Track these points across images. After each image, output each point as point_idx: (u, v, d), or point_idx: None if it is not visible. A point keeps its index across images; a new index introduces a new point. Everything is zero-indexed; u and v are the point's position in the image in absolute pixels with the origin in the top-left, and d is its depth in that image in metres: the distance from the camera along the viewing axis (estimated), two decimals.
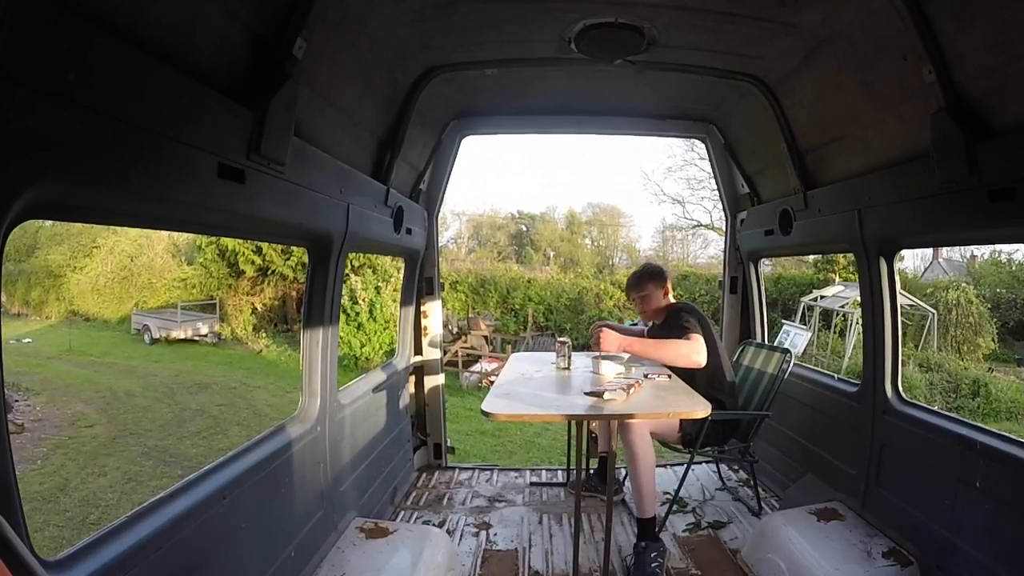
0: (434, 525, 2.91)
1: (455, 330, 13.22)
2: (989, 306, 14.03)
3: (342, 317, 11.99)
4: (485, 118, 3.67)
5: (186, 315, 17.75)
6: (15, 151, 0.98)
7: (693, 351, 2.56)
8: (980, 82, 1.75)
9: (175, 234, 19.77)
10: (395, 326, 10.94)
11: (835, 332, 13.41)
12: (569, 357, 2.91)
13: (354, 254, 15.80)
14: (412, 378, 3.80)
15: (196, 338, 17.29)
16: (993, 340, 13.46)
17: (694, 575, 2.50)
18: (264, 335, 17.66)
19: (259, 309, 18.29)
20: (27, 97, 0.98)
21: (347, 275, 15.04)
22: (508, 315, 16.37)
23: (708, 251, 25.38)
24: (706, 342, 2.63)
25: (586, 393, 2.21)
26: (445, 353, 10.36)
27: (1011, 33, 1.55)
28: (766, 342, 3.66)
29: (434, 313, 3.88)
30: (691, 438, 2.73)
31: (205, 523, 1.60)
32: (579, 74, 2.99)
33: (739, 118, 3.40)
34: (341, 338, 12.08)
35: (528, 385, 2.59)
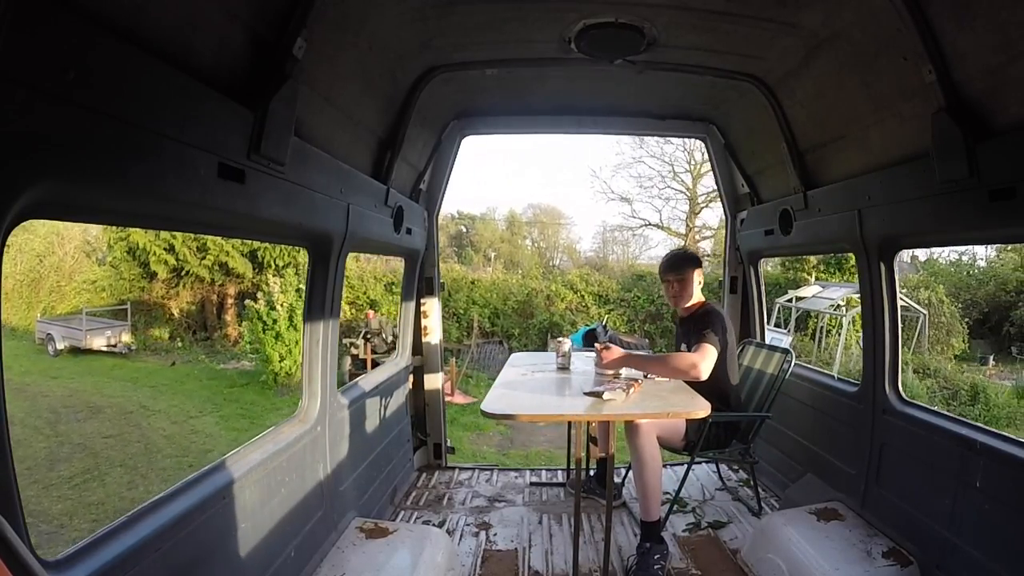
0: (434, 525, 2.91)
1: (389, 339, 11.12)
2: (960, 305, 13.78)
3: (258, 325, 10.93)
4: (485, 118, 3.67)
5: (93, 322, 15.05)
6: (15, 151, 0.98)
7: (693, 364, 2.44)
8: (980, 82, 1.75)
9: (90, 231, 17.31)
10: None
11: (818, 335, 12.80)
12: (569, 357, 2.92)
13: (277, 252, 14.17)
14: (412, 378, 3.80)
15: (104, 349, 14.60)
16: (963, 340, 13.23)
17: (694, 575, 2.51)
18: (181, 344, 15.48)
19: (176, 315, 16.09)
20: (27, 97, 0.97)
21: (264, 277, 13.69)
22: (450, 320, 14.23)
23: (656, 252, 24.18)
24: (721, 355, 2.58)
25: (586, 393, 2.21)
26: (377, 367, 10.28)
27: (1011, 33, 1.55)
28: (766, 342, 3.66)
29: (434, 313, 3.88)
30: (693, 444, 2.73)
31: (205, 523, 1.60)
32: (579, 74, 2.99)
33: (739, 118, 3.40)
34: (256, 350, 10.73)
35: (528, 385, 2.60)
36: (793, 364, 3.00)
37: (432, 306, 3.87)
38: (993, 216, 1.78)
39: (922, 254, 16.24)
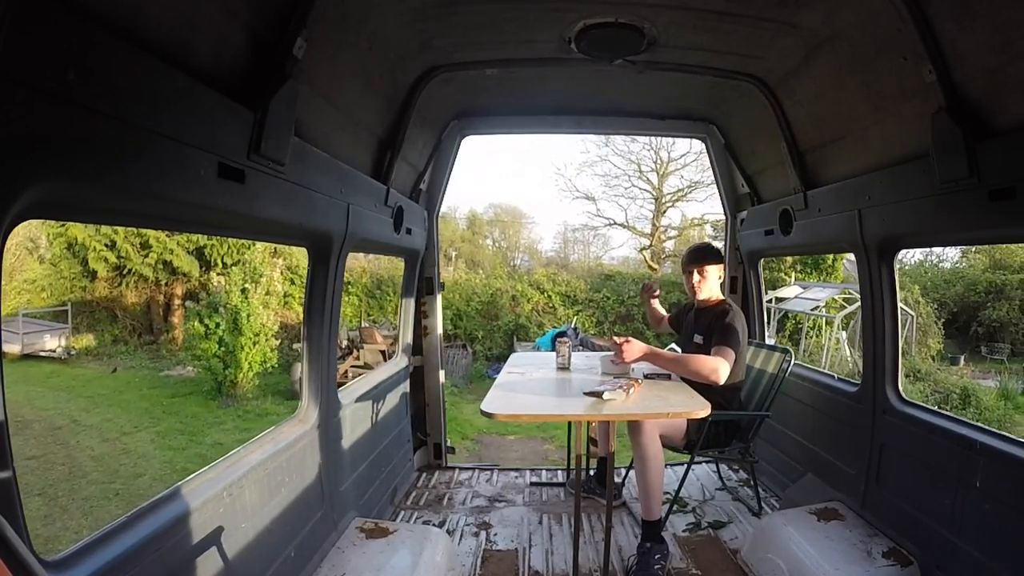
0: (434, 525, 2.91)
1: (343, 344, 10.49)
2: (935, 306, 13.61)
3: (199, 329, 9.80)
4: (485, 118, 3.67)
5: (31, 325, 13.66)
6: (15, 151, 0.98)
7: (715, 370, 2.43)
8: (980, 82, 1.75)
9: (34, 226, 15.63)
10: (267, 339, 10.08)
11: (800, 336, 12.34)
12: (569, 357, 2.92)
13: (225, 249, 13.25)
14: (412, 378, 3.80)
15: (42, 354, 13.32)
16: (939, 341, 13.09)
17: (694, 575, 2.50)
18: (125, 349, 14.10)
19: (119, 317, 14.68)
20: (27, 97, 0.97)
21: (207, 276, 12.79)
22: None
23: (619, 252, 23.41)
24: (739, 356, 2.58)
25: (586, 393, 2.21)
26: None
27: (1011, 33, 1.55)
28: (766, 341, 3.66)
29: (434, 312, 3.89)
30: (693, 443, 2.73)
31: (205, 523, 1.60)
32: (579, 74, 2.99)
33: (739, 118, 3.40)
34: (197, 357, 9.85)
35: (528, 385, 2.59)
36: (793, 364, 3.00)
37: (432, 306, 3.88)
38: (993, 216, 1.78)
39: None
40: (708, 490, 3.40)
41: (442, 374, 4.02)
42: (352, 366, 10.30)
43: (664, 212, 20.37)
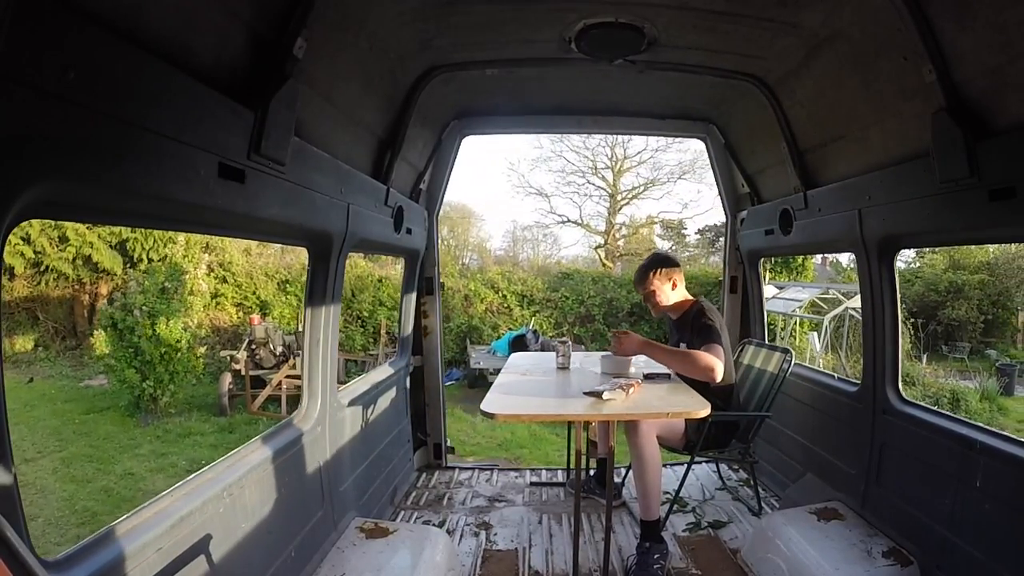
0: (434, 525, 2.91)
1: (278, 350, 9.25)
2: (905, 307, 13.34)
3: (113, 335, 8.46)
4: (485, 118, 3.67)
5: None
6: (15, 151, 0.98)
7: (711, 367, 2.44)
8: (980, 82, 1.75)
9: None
10: (191, 346, 8.74)
11: (776, 337, 11.74)
12: (569, 357, 2.92)
13: (151, 243, 11.67)
14: (412, 378, 3.81)
15: None
16: (909, 340, 12.77)
17: (694, 575, 2.51)
18: (46, 355, 12.68)
19: (40, 319, 13.05)
20: (27, 97, 0.97)
21: (125, 276, 11.21)
22: (354, 325, 12.12)
23: (571, 251, 22.50)
24: (725, 351, 2.58)
25: (585, 393, 2.21)
26: (265, 384, 8.68)
27: (1011, 33, 1.55)
28: (766, 341, 3.66)
29: (434, 312, 3.89)
30: (693, 444, 2.73)
31: (205, 523, 1.60)
32: (579, 74, 2.99)
33: (739, 118, 3.40)
34: (111, 367, 8.43)
35: (528, 385, 2.60)
36: (793, 364, 3.01)
37: (432, 306, 3.88)
38: (993, 216, 1.78)
39: (844, 258, 15.88)
40: (708, 490, 3.40)
41: (442, 374, 4.02)
42: (287, 376, 8.78)
43: (619, 210, 19.85)
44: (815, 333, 10.95)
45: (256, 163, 1.65)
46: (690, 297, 2.86)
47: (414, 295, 3.76)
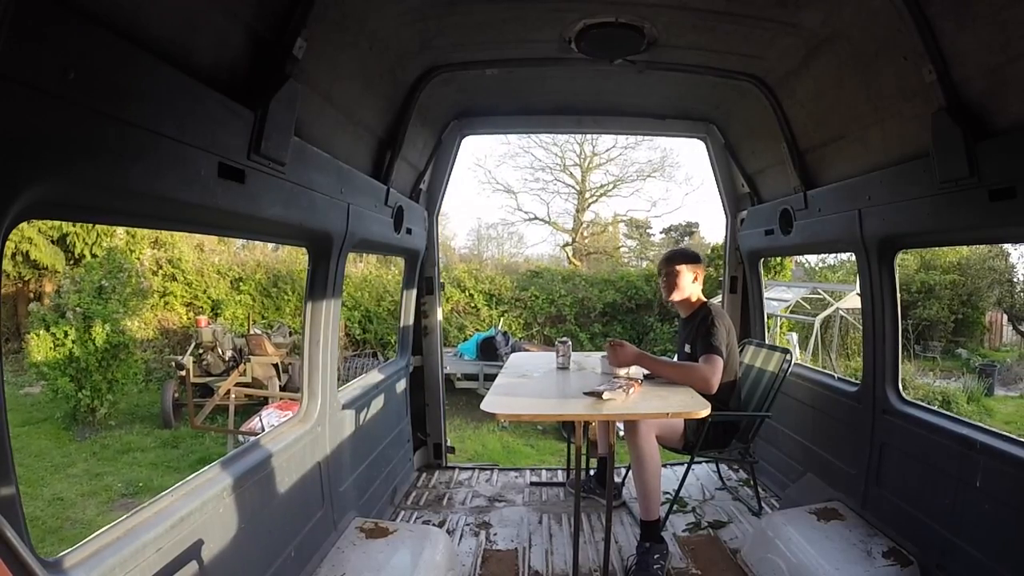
0: (434, 525, 2.91)
1: (227, 355, 8.47)
2: None
3: (47, 339, 7.55)
4: (485, 118, 3.67)
5: None
6: (15, 151, 0.98)
7: (704, 379, 2.48)
8: (980, 82, 1.75)
9: None
10: (131, 352, 7.95)
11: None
12: (569, 357, 2.92)
13: (94, 238, 10.67)
14: (412, 378, 3.81)
15: None
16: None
17: (694, 575, 2.51)
18: None
19: None
20: (27, 97, 0.97)
21: (61, 274, 10.31)
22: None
23: (536, 249, 21.59)
24: (729, 355, 2.60)
25: (585, 393, 2.21)
26: (213, 393, 7.79)
27: (1011, 33, 1.55)
28: (766, 341, 3.66)
29: (434, 312, 3.90)
30: (692, 444, 2.73)
31: (205, 523, 1.60)
32: (579, 74, 2.99)
33: (739, 118, 3.40)
34: (44, 374, 7.57)
35: (528, 385, 2.60)
36: (793, 364, 3.00)
37: (432, 305, 3.88)
38: (993, 216, 1.78)
39: (813, 259, 15.71)
40: (708, 490, 3.40)
41: (442, 374, 4.02)
42: (237, 385, 7.81)
43: (587, 207, 19.46)
44: (794, 334, 10.88)
45: (256, 163, 1.65)
46: (703, 298, 2.88)
47: (414, 295, 3.76)
